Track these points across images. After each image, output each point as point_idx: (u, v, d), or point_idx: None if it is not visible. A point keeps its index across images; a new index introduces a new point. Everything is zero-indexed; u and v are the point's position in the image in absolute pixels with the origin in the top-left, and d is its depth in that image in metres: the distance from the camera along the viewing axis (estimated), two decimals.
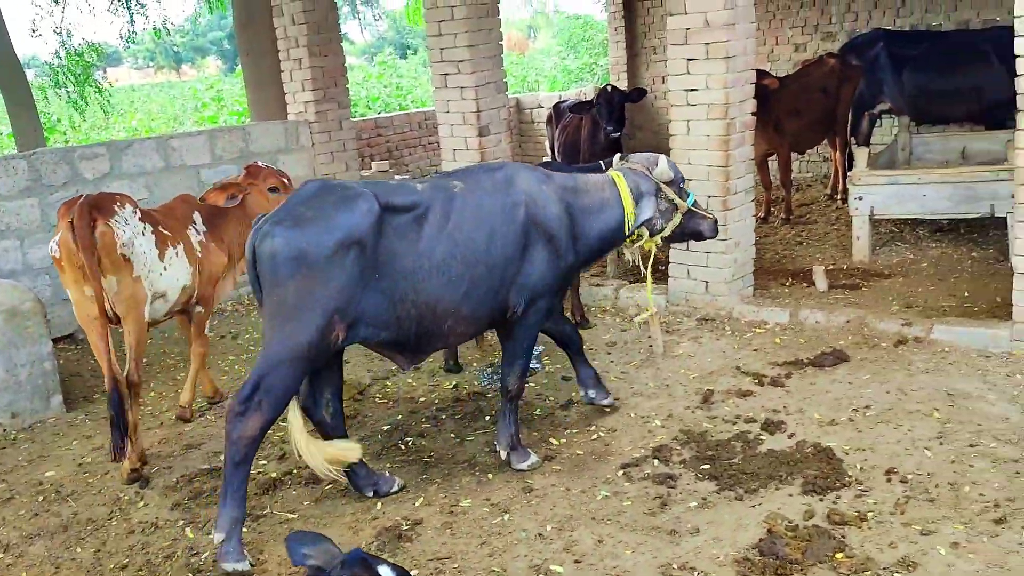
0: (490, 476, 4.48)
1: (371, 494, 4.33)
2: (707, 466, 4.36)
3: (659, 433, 4.79)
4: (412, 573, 3.36)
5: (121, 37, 15.36)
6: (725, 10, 5.94)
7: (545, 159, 10.26)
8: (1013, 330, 5.28)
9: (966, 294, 6.37)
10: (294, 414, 4.00)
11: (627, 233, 4.66)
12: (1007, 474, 3.99)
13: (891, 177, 7.42)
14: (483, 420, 5.14)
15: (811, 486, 4.05)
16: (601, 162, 6.36)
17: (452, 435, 5.00)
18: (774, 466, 4.28)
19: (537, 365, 5.90)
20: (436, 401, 5.50)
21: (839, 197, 9.48)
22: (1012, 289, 5.33)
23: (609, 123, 7.77)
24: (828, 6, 11.33)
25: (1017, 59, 5.08)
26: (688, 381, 5.43)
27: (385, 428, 5.16)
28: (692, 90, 6.22)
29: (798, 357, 5.54)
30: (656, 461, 4.48)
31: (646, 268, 5.02)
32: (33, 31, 14.48)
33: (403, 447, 4.89)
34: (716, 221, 4.96)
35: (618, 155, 5.02)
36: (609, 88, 8.00)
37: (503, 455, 4.58)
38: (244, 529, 3.91)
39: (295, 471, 4.65)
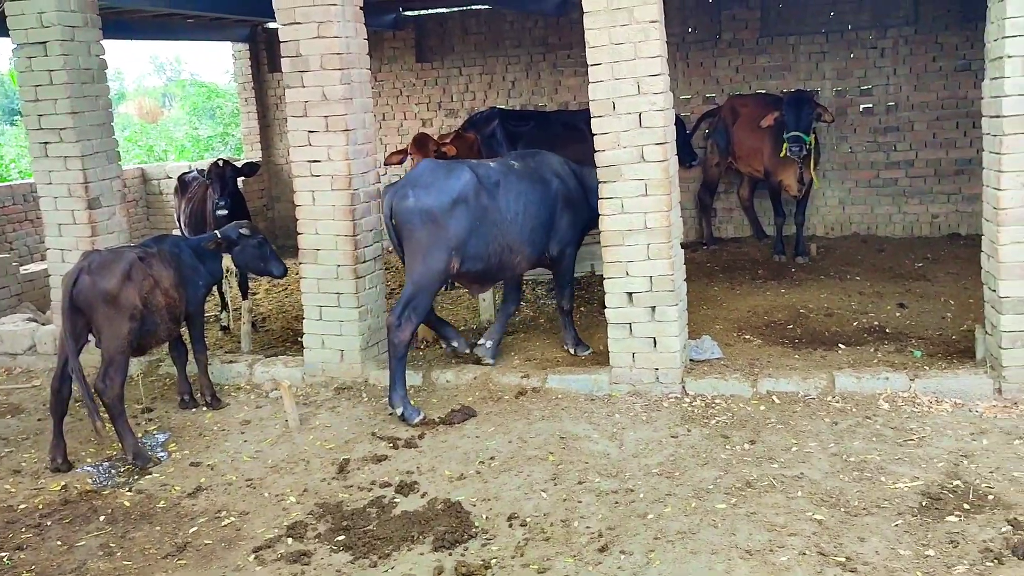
0: None
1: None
2: (342, 537, 4.32)
3: (294, 510, 4.66)
4: None
5: None
6: (341, 85, 6.12)
7: (175, 231, 9.72)
8: (611, 374, 5.94)
9: None
10: None
11: None
12: (608, 505, 4.43)
13: None
14: (97, 521, 4.65)
15: (441, 542, 4.17)
16: (216, 232, 6.33)
17: (59, 542, 4.44)
18: (407, 527, 4.36)
19: (163, 454, 5.50)
20: (40, 507, 4.87)
21: None
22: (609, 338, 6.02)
23: (221, 198, 7.61)
24: (449, 85, 12.17)
25: (595, 137, 5.82)
26: (325, 452, 5.37)
27: None
28: (315, 161, 6.29)
29: (430, 416, 5.73)
30: (290, 539, 4.34)
31: None
32: None
33: None
34: None
35: None
36: (220, 163, 7.84)
37: (571, 351, 6.66)
38: None
39: None
